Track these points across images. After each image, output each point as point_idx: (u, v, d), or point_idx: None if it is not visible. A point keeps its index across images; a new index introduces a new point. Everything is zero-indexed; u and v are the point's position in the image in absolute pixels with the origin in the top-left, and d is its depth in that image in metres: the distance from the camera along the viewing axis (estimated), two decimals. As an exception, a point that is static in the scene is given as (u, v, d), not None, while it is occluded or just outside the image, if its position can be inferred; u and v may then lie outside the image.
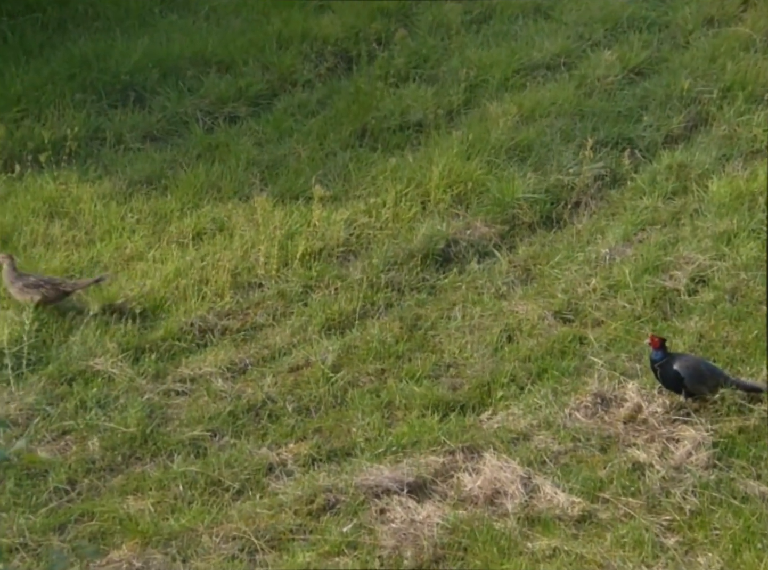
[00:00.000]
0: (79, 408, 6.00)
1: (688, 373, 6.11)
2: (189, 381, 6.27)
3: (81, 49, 8.48)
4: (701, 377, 6.12)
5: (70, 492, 5.60)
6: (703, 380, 6.13)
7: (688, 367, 6.13)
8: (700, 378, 6.12)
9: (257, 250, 6.99)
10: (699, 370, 6.12)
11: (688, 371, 6.11)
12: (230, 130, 8.12)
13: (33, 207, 7.24)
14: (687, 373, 6.11)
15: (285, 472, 5.75)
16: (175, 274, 6.80)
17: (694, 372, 6.11)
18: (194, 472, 5.68)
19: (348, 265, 7.07)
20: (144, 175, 7.63)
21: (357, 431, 5.99)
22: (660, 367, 6.16)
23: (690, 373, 6.11)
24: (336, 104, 8.30)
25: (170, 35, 8.76)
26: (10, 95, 7.97)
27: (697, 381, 6.12)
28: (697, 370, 6.12)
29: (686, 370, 6.12)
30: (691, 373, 6.11)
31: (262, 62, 8.60)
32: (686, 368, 6.12)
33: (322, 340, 6.53)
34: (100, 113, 8.07)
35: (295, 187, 7.58)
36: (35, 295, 6.33)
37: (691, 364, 6.14)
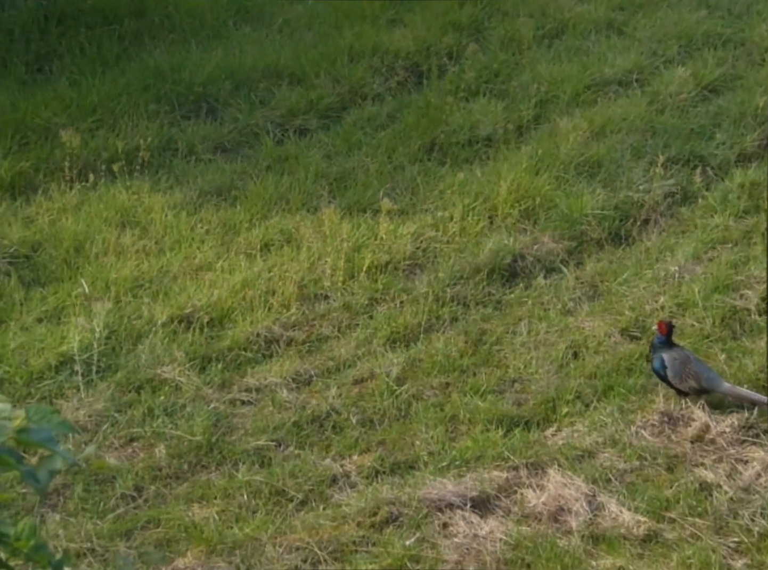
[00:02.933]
0: (147, 415, 6.06)
1: (673, 366, 6.10)
2: (254, 391, 6.30)
3: (156, 60, 8.59)
4: (684, 374, 6.08)
5: (136, 498, 5.66)
6: (684, 378, 6.09)
7: (675, 358, 6.12)
8: (682, 375, 6.09)
9: (324, 262, 7.02)
10: (685, 367, 6.08)
11: (674, 364, 6.11)
12: (300, 142, 8.17)
13: (105, 216, 7.33)
14: (671, 365, 6.11)
15: (348, 484, 5.76)
16: (242, 285, 6.84)
17: (679, 366, 6.08)
18: (259, 481, 5.71)
19: (414, 278, 7.07)
20: (214, 186, 7.70)
21: (420, 444, 5.98)
22: (654, 352, 6.19)
23: (674, 366, 6.10)
24: (405, 118, 8.32)
25: (243, 47, 8.84)
26: (86, 105, 8.08)
27: (678, 377, 6.10)
28: (683, 366, 6.08)
29: (672, 361, 6.12)
30: (676, 366, 6.09)
31: (333, 75, 8.65)
32: (673, 360, 6.12)
33: (387, 353, 6.54)
34: (173, 124, 8.16)
35: (362, 200, 7.61)
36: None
37: (680, 358, 6.12)
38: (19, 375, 6.17)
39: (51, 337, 6.38)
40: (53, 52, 8.62)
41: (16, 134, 7.80)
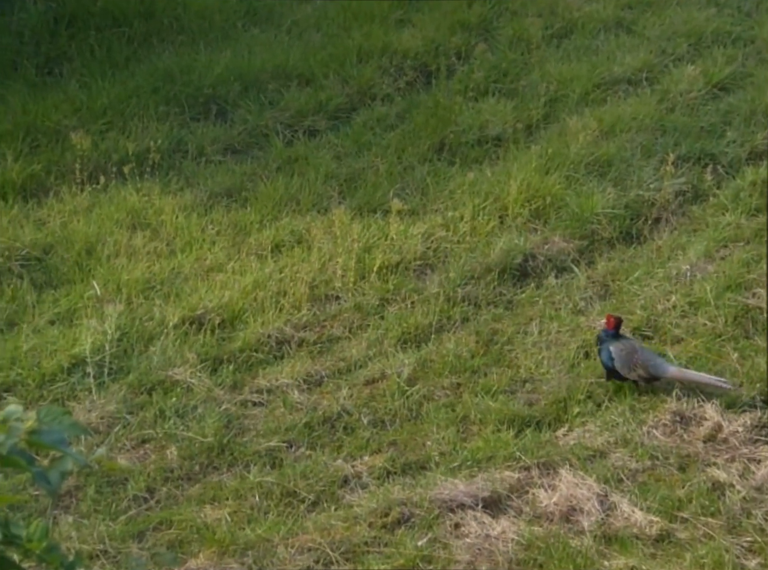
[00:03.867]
0: (158, 417, 6.06)
1: (620, 357, 6.16)
2: (266, 392, 6.31)
3: (165, 62, 8.60)
4: (631, 364, 6.16)
5: (148, 500, 5.67)
6: (632, 368, 6.16)
7: (622, 349, 6.18)
8: (630, 365, 6.16)
9: (335, 262, 7.02)
10: (631, 357, 6.15)
11: (620, 355, 6.17)
12: (310, 143, 8.17)
13: (116, 218, 7.34)
14: (618, 356, 6.17)
15: (360, 485, 5.76)
16: (253, 286, 6.85)
17: (626, 357, 6.15)
18: (270, 482, 5.72)
19: (425, 278, 7.07)
20: (224, 188, 7.71)
21: (432, 445, 5.98)
22: (600, 345, 6.26)
23: (621, 357, 6.16)
24: (415, 118, 8.32)
25: (252, 49, 8.85)
26: (96, 108, 8.10)
27: (627, 367, 6.16)
28: (630, 356, 6.15)
29: (619, 352, 6.18)
30: (623, 357, 6.16)
31: (342, 76, 8.65)
32: (619, 351, 6.18)
33: (398, 354, 6.54)
34: (183, 126, 8.17)
35: (373, 201, 7.61)
36: None
37: (626, 349, 6.19)
38: (31, 377, 6.18)
39: (63, 339, 6.40)
40: (63, 54, 8.64)
41: (27, 137, 7.82)
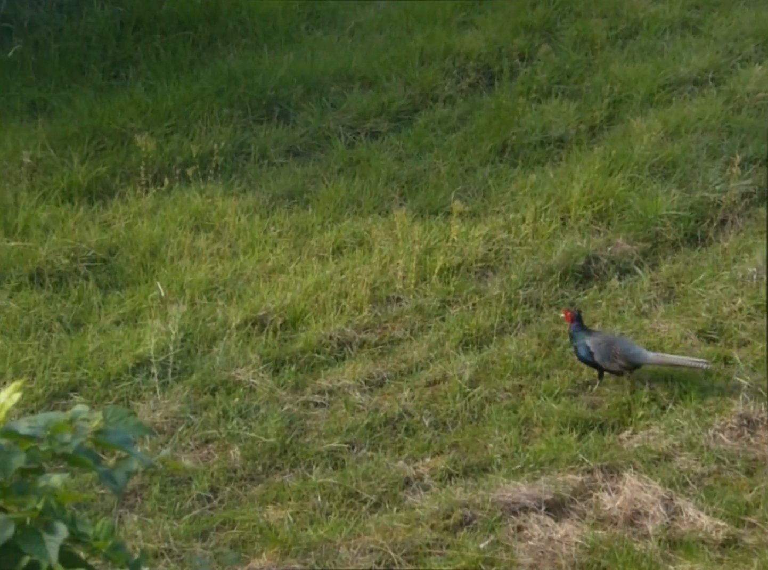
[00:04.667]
0: (222, 417, 6.10)
1: (599, 350, 6.20)
2: (327, 393, 6.32)
3: (229, 65, 8.65)
4: (611, 355, 6.19)
5: (212, 500, 5.70)
6: (612, 359, 6.19)
7: (599, 342, 6.22)
8: (610, 356, 6.19)
9: (396, 264, 7.02)
10: (610, 348, 6.18)
11: (599, 348, 6.20)
12: (371, 145, 8.18)
13: (180, 220, 7.39)
14: (597, 350, 6.20)
15: (422, 487, 5.75)
16: (315, 288, 6.87)
17: (605, 349, 6.19)
18: (332, 483, 5.73)
19: (486, 280, 7.05)
20: (286, 190, 7.74)
21: (494, 447, 5.96)
22: (575, 341, 6.30)
23: (600, 350, 6.20)
24: (477, 120, 8.29)
25: (315, 51, 8.88)
26: (161, 110, 8.17)
27: (607, 359, 6.20)
28: (609, 348, 6.19)
29: (597, 346, 6.21)
30: (602, 349, 6.19)
31: (405, 78, 8.65)
32: (597, 344, 6.22)
33: (460, 356, 6.52)
34: (246, 128, 8.22)
35: (434, 203, 7.60)
36: None
37: (604, 341, 6.22)
38: (97, 377, 6.25)
39: (128, 339, 6.46)
40: (129, 58, 8.72)
41: (93, 140, 7.90)
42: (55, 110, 8.15)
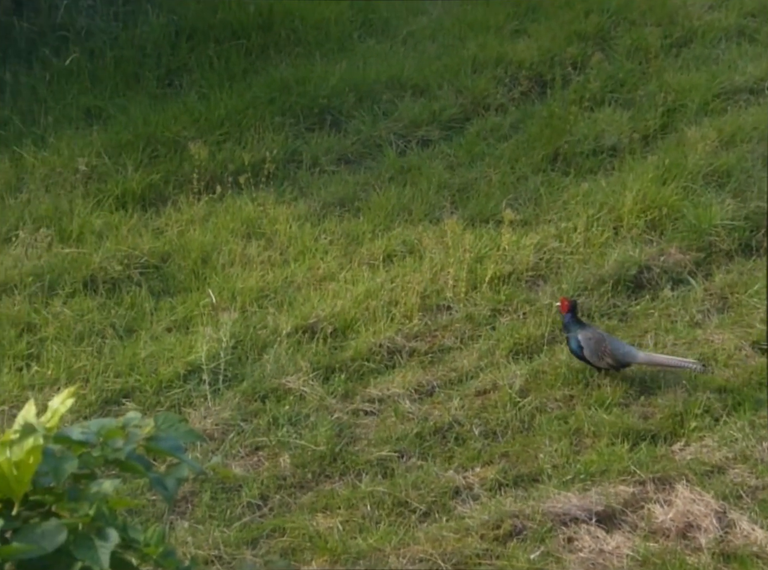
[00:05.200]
0: (272, 425, 6.11)
1: (588, 345, 6.22)
2: (377, 401, 6.32)
3: (282, 73, 8.69)
4: (600, 353, 6.21)
5: (262, 507, 5.72)
6: (601, 356, 6.21)
7: (590, 338, 6.24)
8: (598, 353, 6.21)
9: (446, 272, 7.01)
10: (600, 346, 6.20)
11: (589, 344, 6.23)
12: (422, 153, 8.18)
13: (232, 227, 7.43)
14: (587, 345, 6.23)
15: (471, 496, 5.73)
16: (365, 296, 6.87)
17: (594, 345, 6.21)
18: (382, 492, 5.72)
19: (537, 289, 7.02)
20: (337, 197, 7.75)
21: (544, 457, 5.93)
22: (568, 333, 6.33)
23: (590, 346, 6.22)
24: (529, 128, 8.27)
25: (367, 60, 8.90)
26: (214, 119, 8.22)
27: (596, 355, 6.22)
28: (598, 345, 6.20)
29: (587, 341, 6.23)
30: (591, 345, 6.22)
31: (457, 86, 8.64)
32: (588, 340, 6.24)
33: (510, 365, 6.49)
34: (298, 136, 8.25)
35: (485, 211, 7.58)
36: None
37: (594, 337, 6.24)
38: (149, 383, 6.29)
39: (180, 346, 6.49)
40: (183, 66, 8.79)
41: (147, 147, 7.96)
42: (110, 118, 8.22)
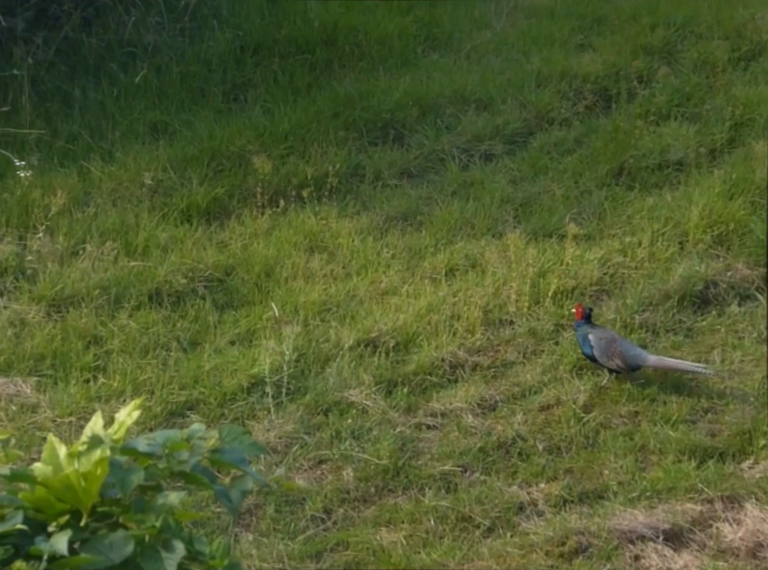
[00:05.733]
0: (335, 438, 6.12)
1: (599, 345, 6.21)
2: (440, 415, 6.30)
3: (346, 88, 8.72)
4: (610, 353, 6.20)
5: (326, 520, 5.72)
6: (610, 357, 6.20)
7: (601, 338, 6.23)
8: (608, 353, 6.20)
9: (509, 287, 6.98)
10: (610, 346, 6.19)
11: (599, 344, 6.22)
12: (486, 167, 8.16)
13: (295, 241, 7.46)
14: (597, 345, 6.21)
15: (535, 512, 5.69)
16: (427, 310, 6.86)
17: (605, 346, 6.20)
18: (445, 507, 5.70)
19: (601, 304, 6.97)
20: (400, 211, 7.76)
21: (609, 474, 5.87)
22: (580, 335, 6.32)
23: (600, 346, 6.21)
24: (593, 142, 8.22)
25: (431, 74, 8.90)
26: (278, 133, 8.26)
27: (605, 355, 6.21)
28: (609, 345, 6.19)
29: (598, 341, 6.22)
30: (602, 346, 6.20)
31: (520, 100, 8.62)
32: (599, 340, 6.23)
33: (574, 380, 6.45)
34: (361, 150, 8.27)
35: (548, 225, 7.54)
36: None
37: (605, 338, 6.23)
38: (213, 396, 6.32)
39: (243, 359, 6.52)
40: (248, 81, 8.85)
41: (212, 161, 8.02)
42: (175, 133, 8.30)
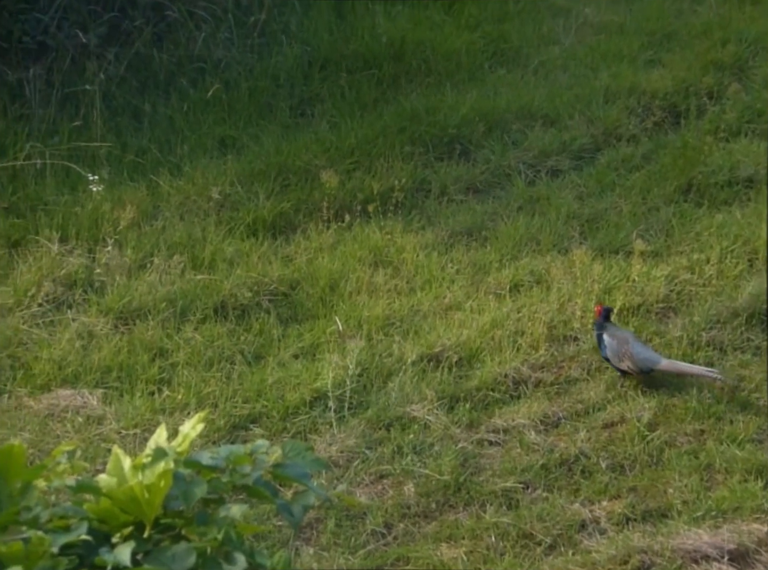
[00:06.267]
0: (396, 453, 6.12)
1: (611, 346, 6.19)
2: (502, 432, 6.28)
3: (412, 103, 8.75)
4: (621, 354, 6.17)
5: (386, 535, 5.72)
6: (621, 358, 6.17)
7: (613, 339, 6.20)
8: (619, 354, 6.18)
9: (574, 303, 6.95)
10: (621, 347, 6.15)
11: (612, 344, 6.19)
12: (552, 183, 8.14)
13: (359, 255, 7.49)
14: (610, 345, 6.19)
15: (598, 530, 5.65)
16: (491, 325, 6.85)
17: (617, 346, 6.16)
18: (506, 523, 5.68)
19: (667, 321, 6.91)
20: (465, 227, 7.76)
21: (674, 492, 5.81)
22: (597, 336, 6.31)
23: (612, 346, 6.19)
24: (661, 159, 8.16)
25: (498, 89, 8.90)
26: (344, 148, 8.31)
27: (616, 356, 6.19)
28: (620, 347, 6.15)
29: (611, 341, 6.20)
30: (614, 346, 6.18)
31: (588, 116, 8.59)
32: (611, 340, 6.20)
33: (638, 397, 6.39)
34: (426, 165, 8.28)
35: (615, 241, 7.50)
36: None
37: (618, 338, 6.19)
38: (276, 409, 6.36)
39: (306, 373, 6.55)
40: (315, 96, 8.91)
41: (278, 176, 8.08)
42: (243, 147, 8.37)
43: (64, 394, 6.40)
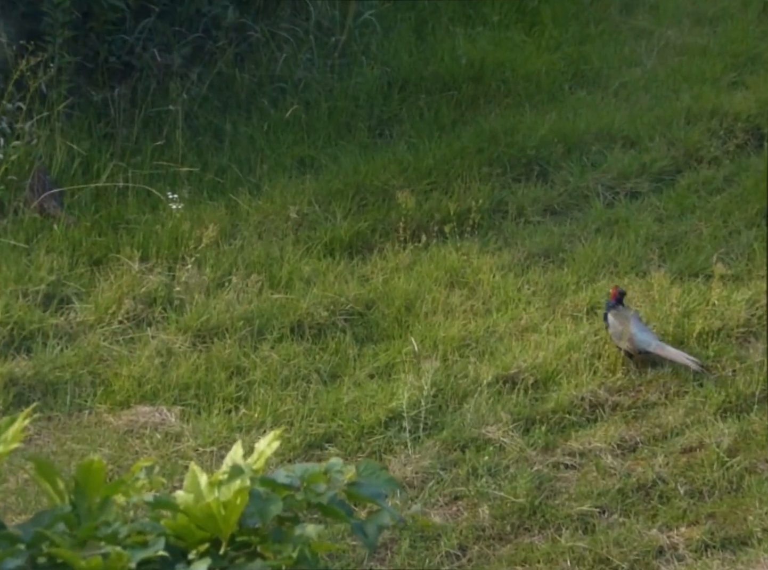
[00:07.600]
0: (471, 475, 6.10)
1: (614, 325, 6.19)
2: (578, 455, 6.23)
3: (491, 124, 8.75)
4: (621, 333, 6.18)
5: (461, 558, 5.70)
6: (620, 337, 6.19)
7: (617, 316, 6.20)
8: (617, 333, 6.20)
9: (652, 326, 6.88)
10: (624, 327, 6.14)
11: (614, 323, 6.19)
12: (631, 205, 8.08)
13: (435, 276, 7.49)
14: (612, 325, 6.20)
15: (676, 557, 5.58)
16: (567, 347, 6.80)
17: (618, 325, 6.17)
18: (582, 548, 5.63)
19: (748, 346, 6.82)
20: (542, 248, 7.73)
21: (754, 520, 5.72)
22: (604, 314, 6.36)
23: (614, 326, 6.19)
24: (743, 181, 8.07)
25: (578, 111, 8.87)
26: (422, 168, 8.33)
27: (617, 336, 6.21)
28: (622, 326, 6.15)
29: (613, 321, 6.20)
30: (616, 326, 6.18)
31: (668, 138, 8.52)
32: (614, 320, 6.20)
33: (718, 423, 6.31)
34: (504, 187, 8.27)
35: (694, 265, 7.42)
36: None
37: (619, 318, 6.18)
38: (351, 429, 6.37)
39: (381, 392, 6.56)
40: (394, 117, 8.96)
41: (356, 196, 8.13)
42: (321, 167, 8.44)
43: (143, 411, 6.48)
